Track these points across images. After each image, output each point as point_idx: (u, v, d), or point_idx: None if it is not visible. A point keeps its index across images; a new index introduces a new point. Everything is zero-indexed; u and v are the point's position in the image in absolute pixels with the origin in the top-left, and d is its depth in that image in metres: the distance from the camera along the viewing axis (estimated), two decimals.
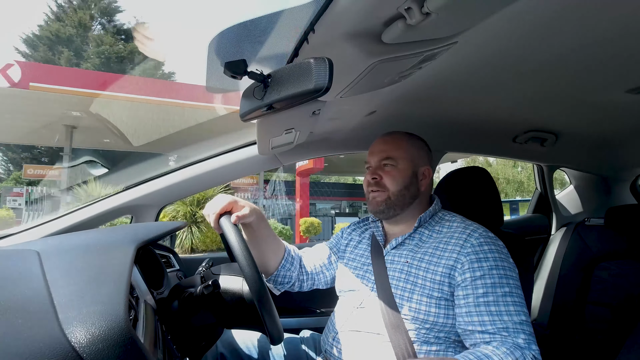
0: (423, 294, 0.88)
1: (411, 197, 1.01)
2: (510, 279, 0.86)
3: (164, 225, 0.91)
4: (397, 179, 0.99)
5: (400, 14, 0.56)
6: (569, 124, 1.38)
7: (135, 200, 1.30)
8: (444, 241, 0.93)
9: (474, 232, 0.92)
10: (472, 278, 0.85)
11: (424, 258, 0.93)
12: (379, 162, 1.02)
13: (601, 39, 0.73)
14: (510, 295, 0.83)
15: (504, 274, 0.86)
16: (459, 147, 1.63)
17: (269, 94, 0.70)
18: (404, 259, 0.96)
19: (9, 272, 0.57)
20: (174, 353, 0.76)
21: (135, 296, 0.70)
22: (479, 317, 0.82)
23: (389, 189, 0.99)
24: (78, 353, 0.41)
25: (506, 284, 0.84)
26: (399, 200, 0.99)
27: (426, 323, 0.87)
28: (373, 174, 1.01)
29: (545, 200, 2.02)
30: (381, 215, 1.02)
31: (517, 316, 0.81)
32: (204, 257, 1.42)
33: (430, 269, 0.90)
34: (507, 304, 0.82)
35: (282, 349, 1.10)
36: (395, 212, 1.00)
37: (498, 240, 0.92)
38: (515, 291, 0.85)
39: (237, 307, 0.81)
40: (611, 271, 1.50)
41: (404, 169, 1.00)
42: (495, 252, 0.88)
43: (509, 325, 0.80)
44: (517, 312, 0.81)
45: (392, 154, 1.01)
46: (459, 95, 1.10)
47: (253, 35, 0.68)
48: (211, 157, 1.37)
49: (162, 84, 13.71)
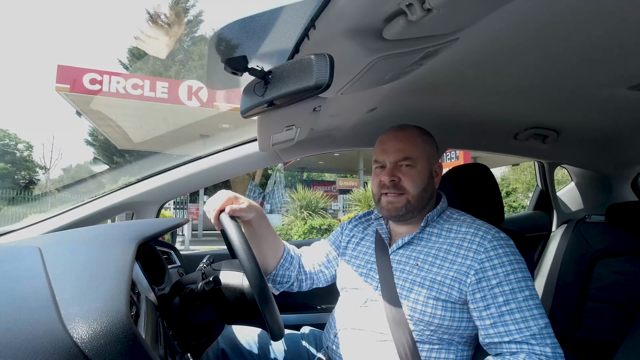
0: (430, 296, 0.86)
1: (429, 197, 0.97)
2: (528, 281, 0.83)
3: (165, 222, 0.91)
4: (417, 181, 0.93)
5: (401, 10, 0.56)
6: (570, 121, 1.38)
7: (136, 196, 1.31)
8: (456, 244, 0.89)
9: (487, 235, 0.88)
10: (489, 287, 0.83)
11: (435, 262, 0.89)
12: (395, 162, 0.95)
13: (603, 35, 0.73)
14: (531, 298, 0.81)
15: (521, 277, 0.83)
16: (460, 144, 1.63)
17: (270, 91, 0.70)
18: (413, 261, 0.92)
19: (10, 268, 0.57)
20: (175, 349, 0.76)
21: (136, 292, 0.70)
22: (505, 327, 0.80)
23: (408, 192, 0.93)
24: (80, 349, 0.41)
25: (525, 287, 0.82)
26: (419, 202, 0.95)
27: (431, 325, 0.85)
28: (391, 175, 0.94)
29: (546, 197, 2.02)
30: (399, 219, 0.97)
31: (541, 319, 0.79)
32: (204, 254, 1.42)
33: (440, 272, 0.87)
34: (530, 308, 0.80)
35: (283, 345, 1.10)
36: (414, 215, 0.96)
37: (509, 240, 0.89)
38: (533, 292, 0.83)
39: (238, 303, 0.81)
40: (612, 268, 1.50)
41: (422, 169, 0.94)
42: (510, 254, 0.85)
43: (536, 331, 0.78)
44: (540, 315, 0.80)
45: (411, 153, 0.94)
46: (460, 92, 1.10)
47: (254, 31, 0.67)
48: (212, 154, 1.38)
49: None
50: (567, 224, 1.76)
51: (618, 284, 1.47)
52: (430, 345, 0.86)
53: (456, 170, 1.28)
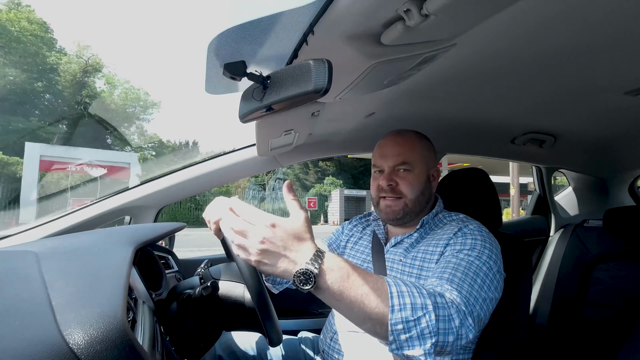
0: None
1: (426, 201, 0.98)
2: (490, 262, 0.80)
3: (163, 227, 0.91)
4: (415, 185, 0.95)
5: (399, 15, 0.56)
6: (567, 125, 1.39)
7: (134, 201, 1.30)
8: (437, 238, 0.92)
9: (469, 224, 0.90)
10: (451, 252, 0.83)
11: (417, 256, 0.92)
12: (393, 166, 0.97)
13: (600, 40, 0.73)
14: (481, 273, 0.77)
15: (485, 259, 0.80)
16: (458, 149, 1.63)
17: (268, 95, 0.70)
18: (398, 257, 0.95)
19: (6, 273, 0.56)
20: (173, 355, 0.76)
21: (133, 298, 0.70)
22: (440, 273, 0.78)
23: (406, 196, 0.95)
24: (76, 355, 0.41)
25: (484, 263, 0.79)
26: (416, 206, 0.96)
27: None
28: (388, 180, 0.96)
29: (544, 201, 2.03)
30: (396, 222, 0.99)
31: (479, 290, 0.74)
32: (202, 258, 1.42)
33: (424, 266, 0.89)
34: (474, 279, 0.76)
35: (281, 351, 1.10)
36: (411, 218, 0.98)
37: (491, 236, 0.89)
38: (488, 273, 0.78)
39: (236, 310, 0.81)
40: (610, 273, 1.50)
41: (419, 173, 0.96)
42: (481, 240, 0.85)
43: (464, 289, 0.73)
44: (480, 287, 0.75)
45: (408, 158, 0.96)
46: (457, 96, 1.10)
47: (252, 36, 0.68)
48: (210, 159, 1.37)
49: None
50: (565, 229, 1.76)
51: (616, 288, 1.47)
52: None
53: (454, 175, 1.28)
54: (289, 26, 0.64)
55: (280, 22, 0.64)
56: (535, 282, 1.73)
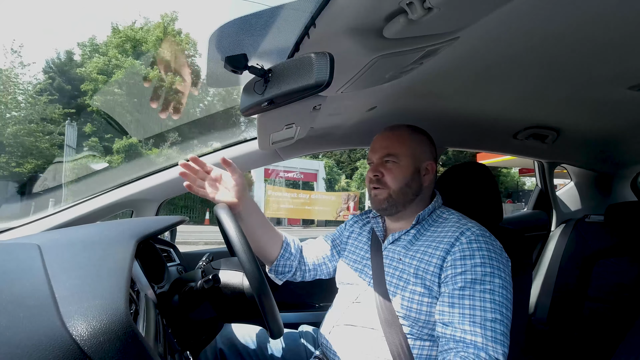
0: (415, 292, 0.88)
1: (414, 193, 0.99)
2: (495, 278, 0.82)
3: (165, 220, 0.91)
4: (399, 176, 0.98)
5: (402, 8, 0.56)
6: (570, 120, 1.38)
7: (136, 194, 1.31)
8: (437, 240, 0.91)
9: (467, 231, 0.89)
10: (452, 274, 0.84)
11: (415, 256, 0.92)
12: (380, 158, 1.01)
13: (603, 35, 0.73)
14: (490, 292, 0.80)
15: (489, 272, 0.82)
16: (460, 143, 1.63)
17: (270, 89, 0.70)
18: (398, 256, 0.96)
19: (9, 265, 0.57)
20: (175, 347, 0.76)
21: (136, 290, 0.70)
22: (450, 309, 0.81)
23: (390, 187, 0.98)
24: (79, 346, 0.41)
25: (489, 282, 0.81)
26: (401, 197, 0.98)
27: (418, 320, 0.87)
28: (375, 171, 1.00)
29: (546, 196, 2.02)
30: (384, 212, 1.02)
31: (491, 313, 0.78)
32: (204, 252, 1.42)
33: (421, 267, 0.89)
34: (483, 300, 0.79)
35: (281, 343, 1.11)
36: (398, 209, 0.99)
37: (492, 239, 0.89)
38: (498, 290, 0.81)
39: (237, 302, 0.81)
40: (610, 268, 1.50)
41: (405, 165, 0.98)
42: (485, 250, 0.85)
43: (477, 320, 0.77)
44: (492, 310, 0.78)
45: (394, 150, 0.99)
46: (460, 90, 1.10)
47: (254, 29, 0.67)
48: (212, 152, 1.37)
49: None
50: (566, 224, 1.76)
51: (616, 284, 1.47)
52: (422, 342, 0.87)
53: (455, 169, 1.28)
54: (291, 19, 0.64)
55: (282, 15, 0.64)
56: (536, 277, 1.74)
